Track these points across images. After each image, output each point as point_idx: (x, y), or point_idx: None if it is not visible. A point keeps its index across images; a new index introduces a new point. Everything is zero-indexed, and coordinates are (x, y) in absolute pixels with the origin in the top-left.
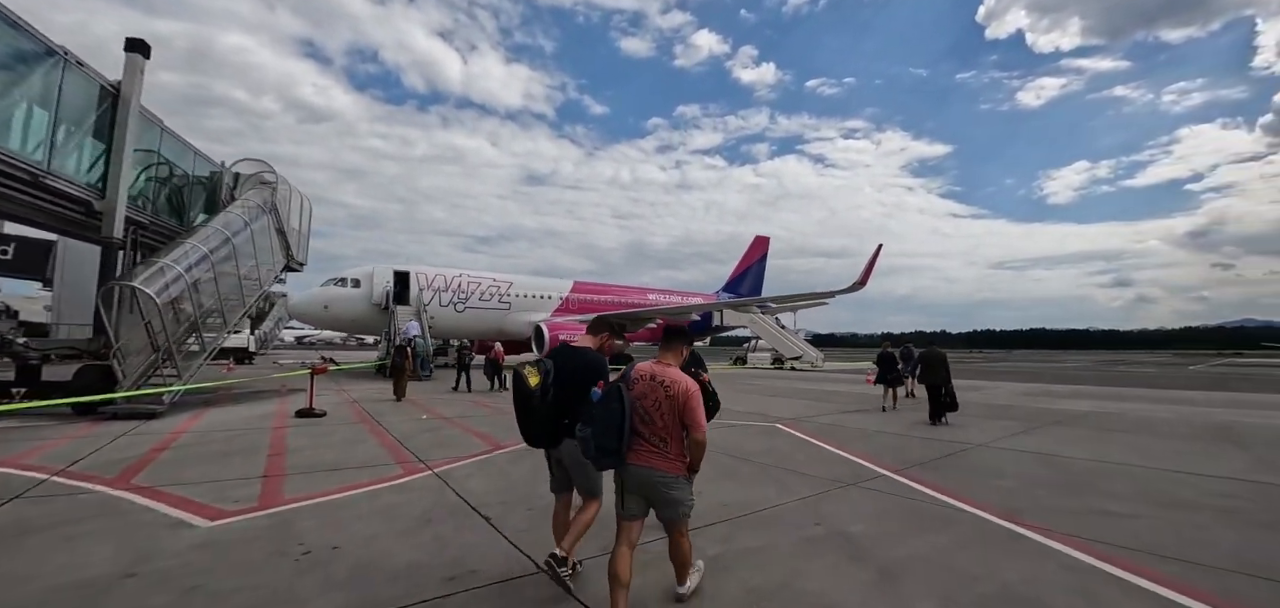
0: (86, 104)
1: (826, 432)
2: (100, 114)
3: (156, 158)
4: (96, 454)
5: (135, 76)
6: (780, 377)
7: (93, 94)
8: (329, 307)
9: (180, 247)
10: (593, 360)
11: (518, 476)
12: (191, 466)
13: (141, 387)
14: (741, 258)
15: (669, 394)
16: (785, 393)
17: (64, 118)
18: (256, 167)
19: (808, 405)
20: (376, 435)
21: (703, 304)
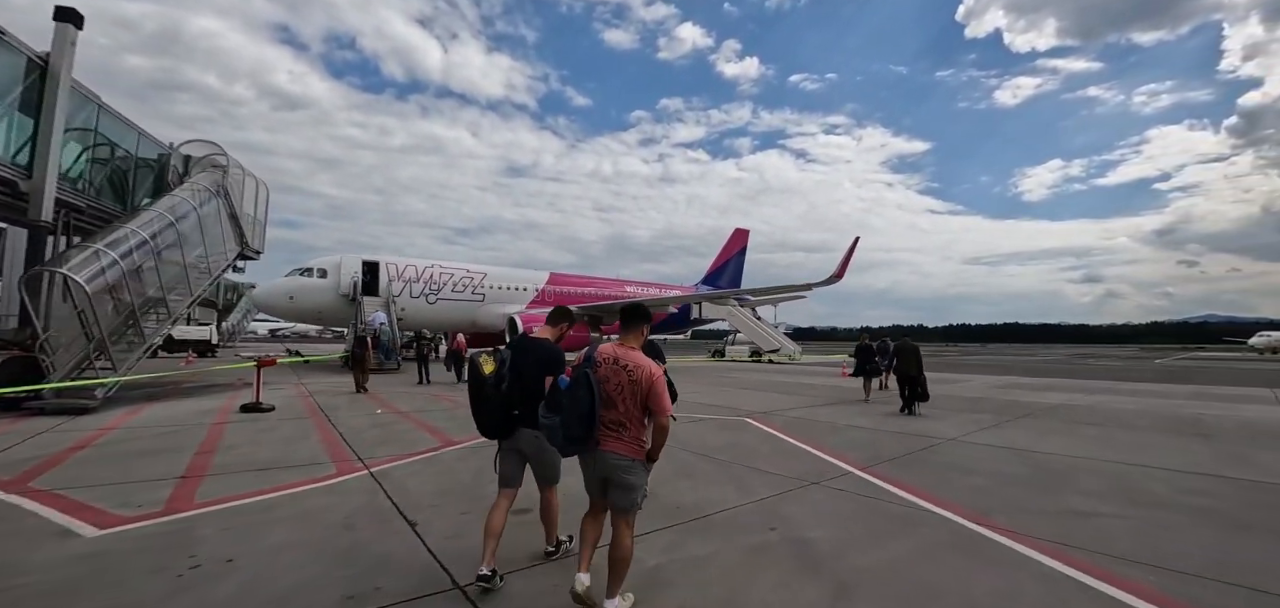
0: (8, 77)
1: (796, 426)
2: (26, 88)
3: (94, 137)
4: (3, 454)
5: (65, 48)
6: (757, 370)
7: (16, 66)
8: (294, 298)
9: (117, 230)
10: (550, 352)
11: (461, 475)
12: (106, 465)
13: (74, 380)
14: (721, 251)
15: (632, 379)
16: (759, 386)
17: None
18: (207, 149)
19: (780, 399)
20: (322, 432)
21: (680, 297)
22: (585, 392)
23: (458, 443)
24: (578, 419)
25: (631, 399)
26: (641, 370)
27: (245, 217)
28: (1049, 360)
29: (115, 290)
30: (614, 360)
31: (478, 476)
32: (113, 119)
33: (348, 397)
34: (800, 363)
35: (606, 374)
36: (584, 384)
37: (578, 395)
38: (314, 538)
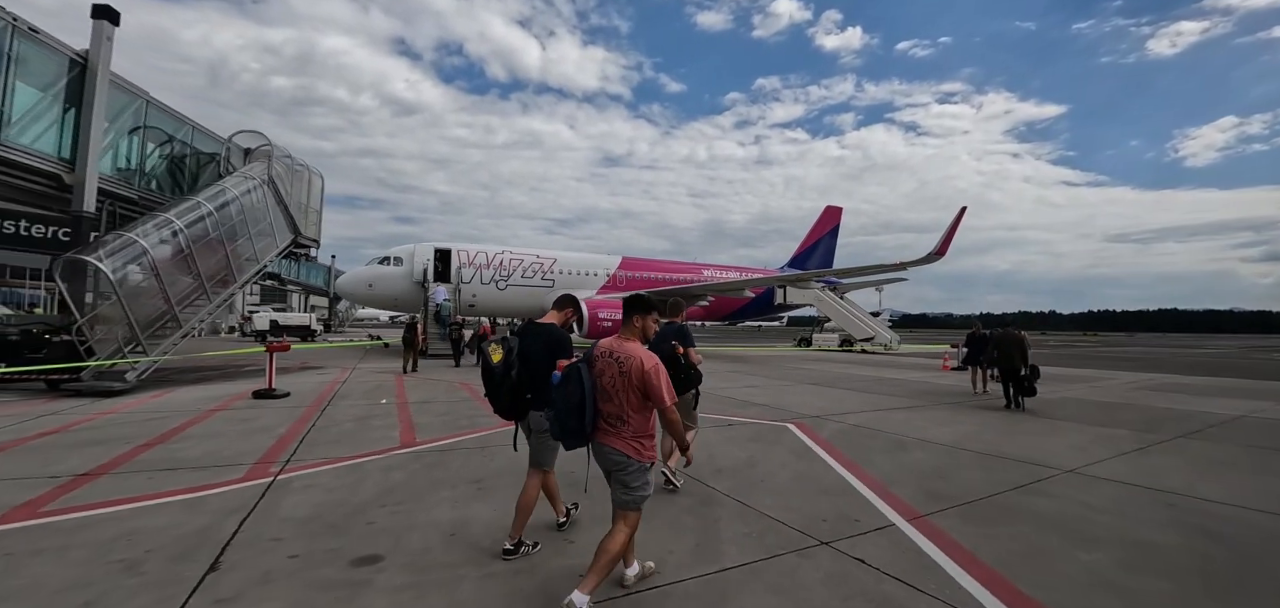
0: (48, 74)
1: (849, 437)
2: (67, 84)
3: (144, 131)
4: None
5: (102, 44)
6: (841, 361)
7: (55, 64)
8: (373, 285)
9: (153, 219)
10: (555, 336)
11: (361, 494)
12: (33, 457)
13: (114, 363)
14: (810, 230)
15: (623, 370)
16: (832, 381)
17: (17, 88)
18: (257, 140)
19: (850, 397)
20: (294, 425)
21: (758, 279)
22: (575, 386)
23: (412, 446)
24: (569, 412)
25: (625, 392)
26: (631, 361)
27: (297, 205)
28: (1217, 354)
29: (152, 276)
30: (609, 353)
31: (377, 498)
32: (162, 113)
33: (381, 382)
34: (897, 353)
35: (602, 368)
36: (574, 379)
37: (567, 391)
38: (60, 581)
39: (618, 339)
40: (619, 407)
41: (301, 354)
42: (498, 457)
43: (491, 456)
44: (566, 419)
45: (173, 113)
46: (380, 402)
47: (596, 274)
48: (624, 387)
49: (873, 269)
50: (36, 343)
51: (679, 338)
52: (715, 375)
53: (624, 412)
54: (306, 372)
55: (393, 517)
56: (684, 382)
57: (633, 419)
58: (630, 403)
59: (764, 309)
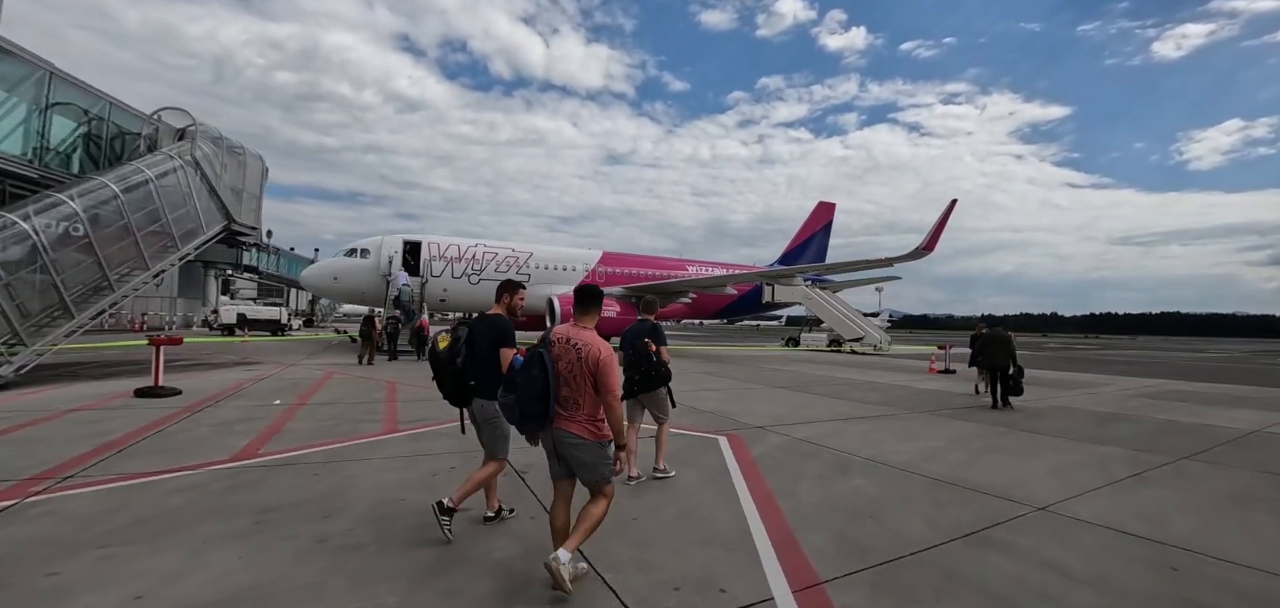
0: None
1: (785, 456)
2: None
3: (47, 105)
4: None
5: None
6: (826, 361)
7: None
8: (338, 278)
9: (41, 200)
10: (500, 327)
11: (91, 530)
12: None
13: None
14: (802, 226)
15: (581, 357)
16: (805, 384)
17: None
18: (184, 119)
19: (814, 404)
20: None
21: (740, 275)
22: (539, 371)
23: (251, 459)
24: (532, 397)
25: (582, 378)
26: (589, 349)
27: (229, 190)
28: (1221, 358)
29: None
30: (566, 339)
31: (40, 561)
32: (72, 87)
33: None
34: (887, 355)
35: (559, 353)
36: (538, 363)
37: (531, 374)
38: None
39: (573, 326)
40: (574, 391)
41: (251, 349)
42: (316, 483)
43: (317, 477)
44: (529, 404)
45: (85, 87)
46: (273, 402)
47: (574, 268)
48: (581, 372)
49: (858, 264)
50: None
51: (652, 336)
52: (682, 377)
53: (579, 397)
54: (236, 367)
55: (89, 568)
56: (654, 378)
57: (586, 404)
58: (586, 387)
59: (752, 307)
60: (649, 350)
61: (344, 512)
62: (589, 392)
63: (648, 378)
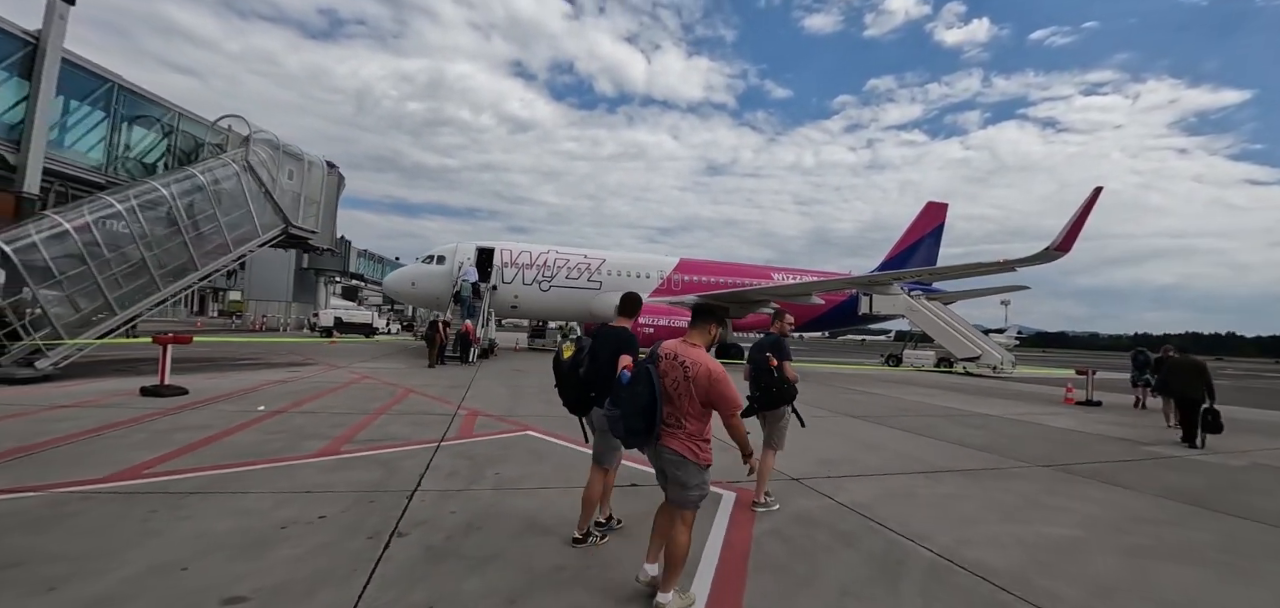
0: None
1: (808, 539)
2: (14, 64)
3: (116, 115)
4: None
5: (54, 22)
6: (928, 384)
7: (6, 47)
8: (416, 283)
9: (89, 201)
10: (621, 336)
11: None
12: None
13: (41, 350)
14: (907, 229)
15: (687, 374)
16: (888, 415)
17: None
18: (244, 127)
19: (889, 444)
20: (97, 428)
21: (826, 283)
22: (644, 387)
23: (126, 479)
24: (636, 413)
25: (688, 397)
26: (698, 367)
27: (287, 194)
28: None
29: (79, 259)
30: (673, 356)
31: None
32: (138, 99)
33: (323, 382)
34: (1010, 377)
35: (665, 370)
36: (644, 380)
37: (636, 391)
38: None
39: (683, 343)
40: (679, 409)
41: (324, 350)
42: (115, 525)
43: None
44: (633, 420)
45: (152, 98)
46: (257, 408)
47: (649, 276)
48: (687, 390)
49: (969, 269)
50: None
51: (774, 350)
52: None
53: (682, 415)
54: (278, 367)
55: None
56: (775, 396)
57: (690, 423)
58: (692, 406)
59: (847, 319)
60: (770, 365)
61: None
62: (694, 410)
63: (768, 396)
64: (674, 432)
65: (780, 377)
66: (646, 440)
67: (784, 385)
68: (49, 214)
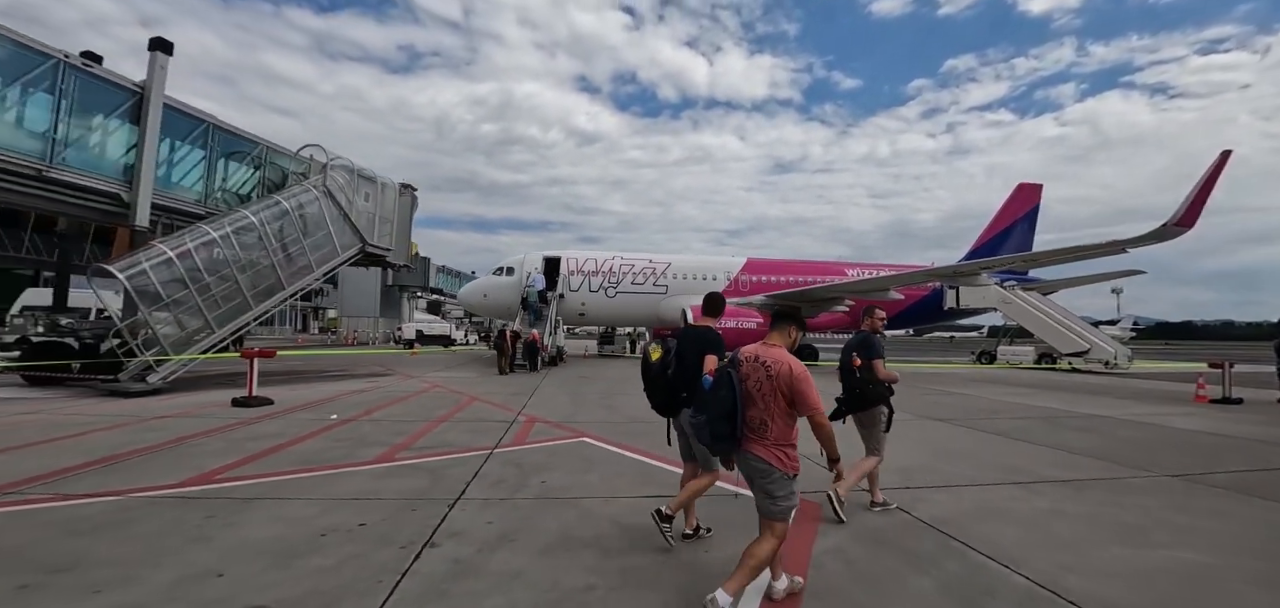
0: (104, 103)
1: (877, 558)
2: (124, 112)
3: (212, 152)
4: None
5: (156, 73)
6: (1028, 383)
7: (112, 95)
8: (487, 295)
9: (189, 231)
10: (706, 336)
11: None
12: None
13: (151, 366)
14: (995, 215)
15: (769, 374)
16: (979, 416)
17: (73, 117)
18: (323, 155)
19: (982, 450)
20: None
21: (904, 276)
22: (727, 391)
23: (165, 490)
24: (720, 418)
25: (772, 399)
26: (780, 367)
27: (363, 215)
28: None
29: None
30: (755, 359)
31: None
32: (230, 136)
33: (394, 391)
34: (1126, 373)
35: (747, 373)
36: (726, 384)
37: (719, 395)
38: None
39: (764, 345)
40: (763, 412)
41: (405, 360)
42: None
43: (205, 523)
44: (718, 425)
45: (241, 134)
46: (330, 417)
47: (716, 278)
48: (770, 392)
49: (1069, 253)
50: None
51: (860, 349)
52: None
53: (768, 418)
54: (359, 378)
55: None
56: (857, 397)
57: (775, 426)
58: (776, 409)
59: (931, 315)
60: (853, 365)
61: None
62: (779, 415)
63: (851, 397)
64: (760, 438)
65: (863, 377)
66: (731, 446)
67: (868, 386)
68: (156, 244)
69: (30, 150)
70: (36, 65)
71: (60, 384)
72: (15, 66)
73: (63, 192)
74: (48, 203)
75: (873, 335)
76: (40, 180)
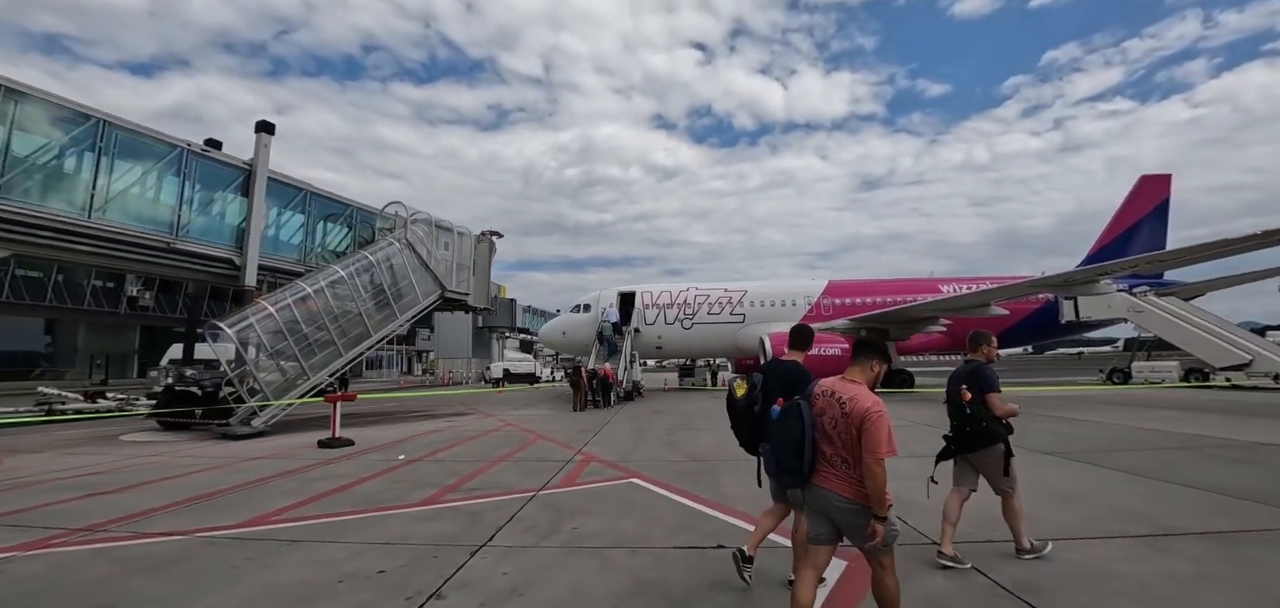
0: (220, 181)
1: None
2: (236, 186)
3: (309, 215)
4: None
5: (260, 151)
6: (1169, 403)
7: (226, 173)
8: (566, 332)
9: (289, 288)
10: (792, 371)
11: None
12: None
13: (256, 411)
14: (1115, 214)
15: (845, 411)
16: (1095, 450)
17: (195, 195)
18: (405, 210)
19: (1109, 491)
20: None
21: (1003, 289)
22: (795, 422)
23: (260, 525)
24: (788, 449)
25: (846, 434)
26: (855, 403)
27: (442, 263)
28: None
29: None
30: (831, 394)
31: None
32: (324, 200)
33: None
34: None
35: (822, 407)
36: (794, 414)
37: (787, 425)
38: None
39: (842, 379)
40: (841, 449)
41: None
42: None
43: (235, 567)
44: (784, 456)
45: (334, 197)
46: (398, 456)
47: (794, 303)
48: (846, 429)
49: (1215, 248)
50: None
51: (970, 381)
52: (899, 426)
53: (849, 454)
54: (438, 418)
55: None
56: (970, 436)
57: (858, 464)
58: (853, 447)
59: (1043, 330)
60: (963, 400)
61: None
62: (858, 450)
63: (962, 435)
64: (845, 476)
65: (975, 413)
66: (798, 480)
67: (981, 422)
68: (260, 300)
69: (161, 225)
70: (166, 154)
71: (187, 428)
72: (149, 156)
73: (186, 259)
74: (174, 270)
75: (985, 365)
76: (169, 251)
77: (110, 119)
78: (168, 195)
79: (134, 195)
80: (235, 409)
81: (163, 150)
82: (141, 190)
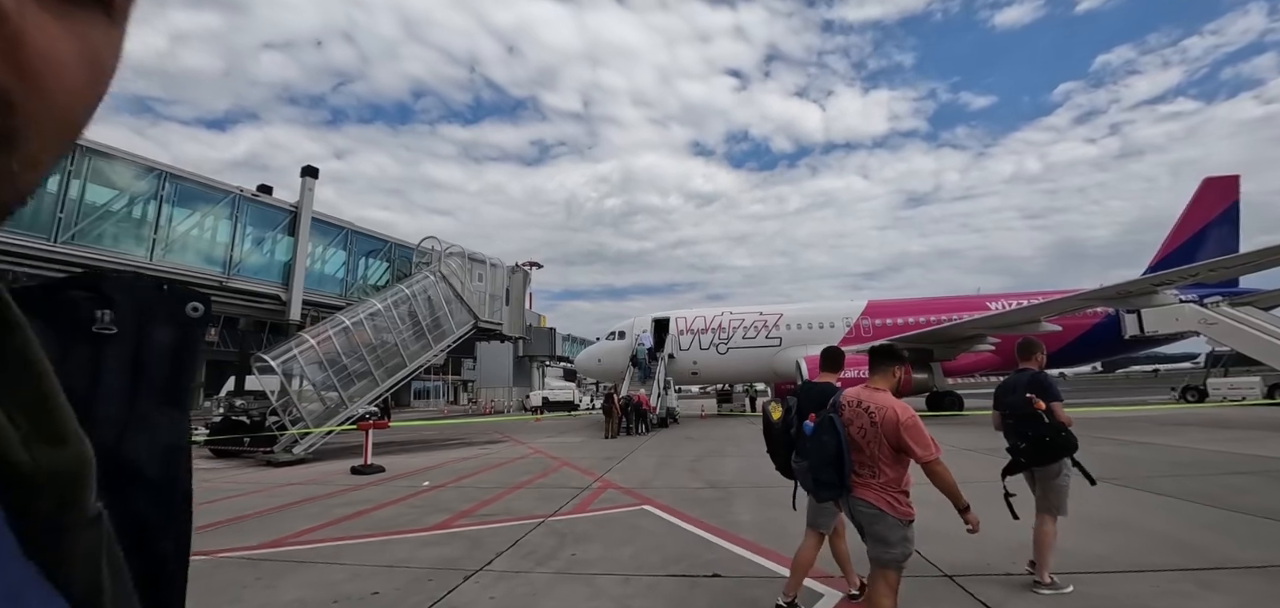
0: (268, 223)
1: None
2: (283, 227)
3: (350, 252)
4: None
5: (305, 195)
6: (1250, 423)
7: (273, 215)
8: (601, 359)
9: (328, 321)
10: (826, 393)
11: None
12: None
13: (297, 439)
14: (1179, 220)
15: (873, 421)
16: (1152, 475)
17: (245, 237)
18: (440, 245)
19: (1142, 519)
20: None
21: (1054, 303)
22: (830, 436)
23: (269, 548)
24: (824, 464)
25: (877, 444)
26: (885, 412)
27: (475, 295)
28: None
29: (319, 366)
30: (857, 403)
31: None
32: (364, 237)
33: (495, 459)
34: None
35: (850, 418)
36: (829, 429)
37: (822, 440)
38: None
39: (867, 389)
40: (870, 458)
41: (524, 426)
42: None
43: (259, 578)
44: (821, 471)
45: (373, 234)
46: (422, 484)
47: (832, 325)
48: (875, 438)
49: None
50: (260, 425)
51: (1036, 388)
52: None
53: (876, 463)
54: (470, 446)
55: None
56: (1049, 446)
57: (886, 471)
58: (883, 455)
59: (1102, 347)
60: (1035, 408)
61: None
62: (887, 460)
63: (1040, 445)
64: (868, 482)
65: (1052, 421)
66: (838, 492)
67: (1059, 433)
68: (303, 334)
69: (215, 263)
70: (221, 199)
71: (236, 456)
72: (206, 202)
73: (237, 296)
74: (226, 305)
75: (1044, 374)
76: (222, 288)
77: (172, 171)
78: (221, 236)
79: (192, 238)
80: (278, 437)
81: (217, 196)
82: (199, 233)
